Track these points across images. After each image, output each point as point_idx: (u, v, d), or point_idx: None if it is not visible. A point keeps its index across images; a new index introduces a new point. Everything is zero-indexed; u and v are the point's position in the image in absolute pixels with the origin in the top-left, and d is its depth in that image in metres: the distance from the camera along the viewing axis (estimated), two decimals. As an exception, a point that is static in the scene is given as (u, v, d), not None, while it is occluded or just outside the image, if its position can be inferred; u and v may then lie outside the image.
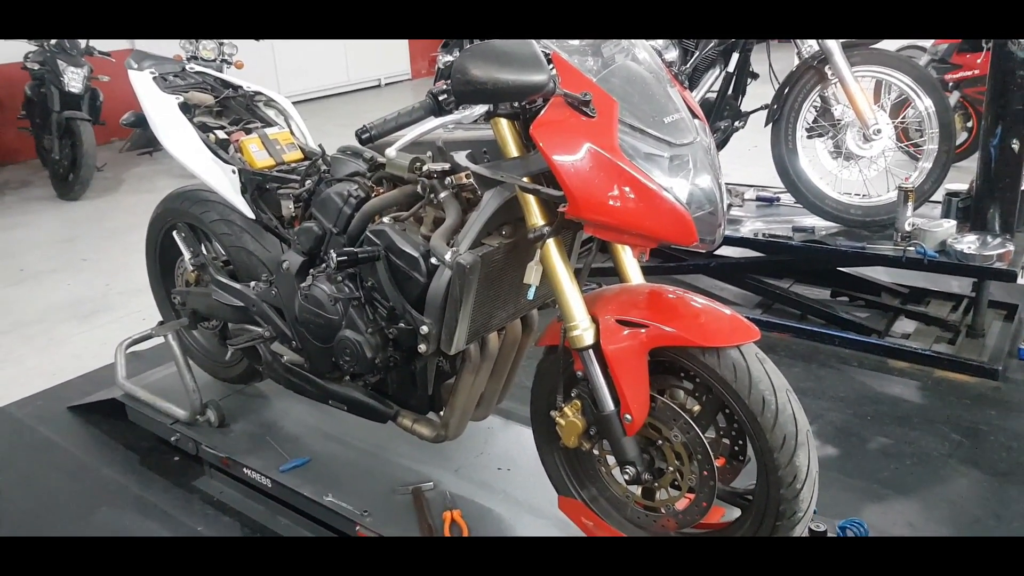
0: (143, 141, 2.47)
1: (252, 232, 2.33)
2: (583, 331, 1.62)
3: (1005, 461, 2.54)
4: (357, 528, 2.13)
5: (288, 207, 2.15)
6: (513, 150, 1.61)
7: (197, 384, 2.58)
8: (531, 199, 1.61)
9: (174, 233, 2.44)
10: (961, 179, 3.42)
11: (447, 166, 1.76)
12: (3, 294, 4.23)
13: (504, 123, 1.61)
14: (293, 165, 2.25)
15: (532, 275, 1.59)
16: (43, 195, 5.99)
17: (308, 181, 2.11)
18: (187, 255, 2.40)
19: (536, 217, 1.62)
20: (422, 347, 1.80)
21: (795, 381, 3.05)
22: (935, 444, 2.65)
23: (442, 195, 1.77)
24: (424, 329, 1.78)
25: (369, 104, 9.94)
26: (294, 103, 2.66)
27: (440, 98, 1.53)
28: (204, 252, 2.54)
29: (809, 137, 3.47)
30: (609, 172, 1.44)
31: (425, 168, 1.79)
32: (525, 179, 1.58)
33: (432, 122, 1.58)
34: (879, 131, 3.25)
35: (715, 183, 1.56)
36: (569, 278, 1.63)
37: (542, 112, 1.49)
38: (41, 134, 5.83)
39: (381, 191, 1.94)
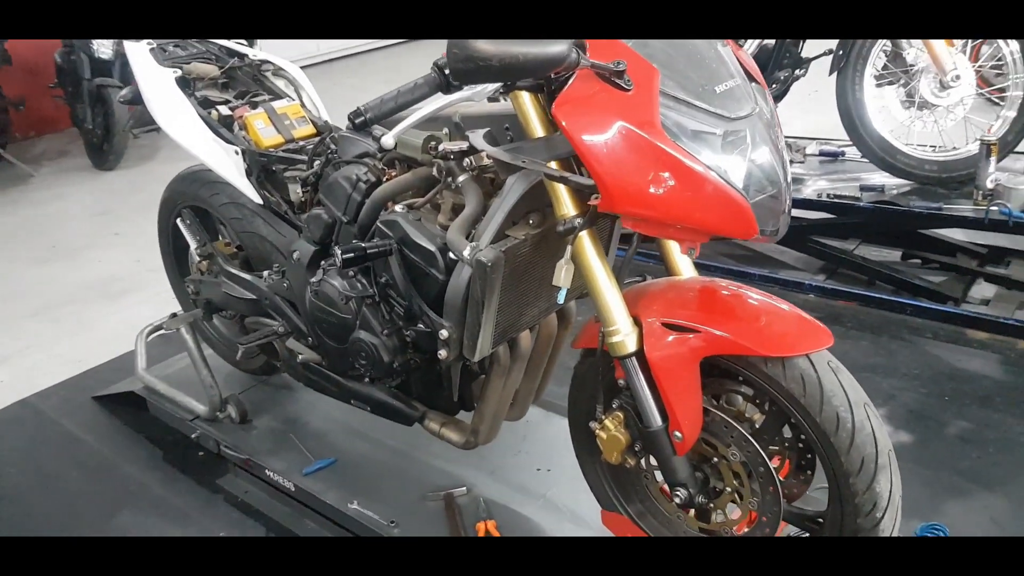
0: (148, 118, 2.28)
1: (264, 217, 2.14)
2: (624, 337, 1.40)
3: (1105, 450, 2.25)
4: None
5: (296, 191, 1.95)
6: (537, 129, 1.37)
7: (215, 379, 2.43)
8: (560, 187, 1.38)
9: (177, 221, 2.26)
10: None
11: (465, 145, 1.53)
12: (34, 274, 4.16)
13: (526, 97, 1.37)
14: (302, 143, 2.04)
15: (562, 276, 1.36)
16: (79, 165, 5.89)
17: (316, 163, 1.90)
18: (193, 244, 2.22)
19: (566, 207, 1.39)
20: (442, 353, 1.61)
21: (863, 356, 2.82)
22: (1022, 429, 2.37)
23: (460, 179, 1.55)
24: (444, 333, 1.58)
25: (398, 62, 9.62)
26: (309, 65, 2.44)
27: (447, 71, 1.30)
28: (219, 237, 2.37)
29: (878, 86, 3.12)
30: (649, 156, 1.20)
31: (441, 148, 1.56)
32: (552, 164, 1.34)
33: (439, 100, 1.35)
34: (958, 77, 2.88)
35: (778, 161, 1.30)
36: (607, 276, 1.40)
37: (566, 86, 1.24)
38: (74, 103, 5.72)
39: (393, 174, 1.73)
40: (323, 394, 2.11)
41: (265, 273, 2.10)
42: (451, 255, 1.55)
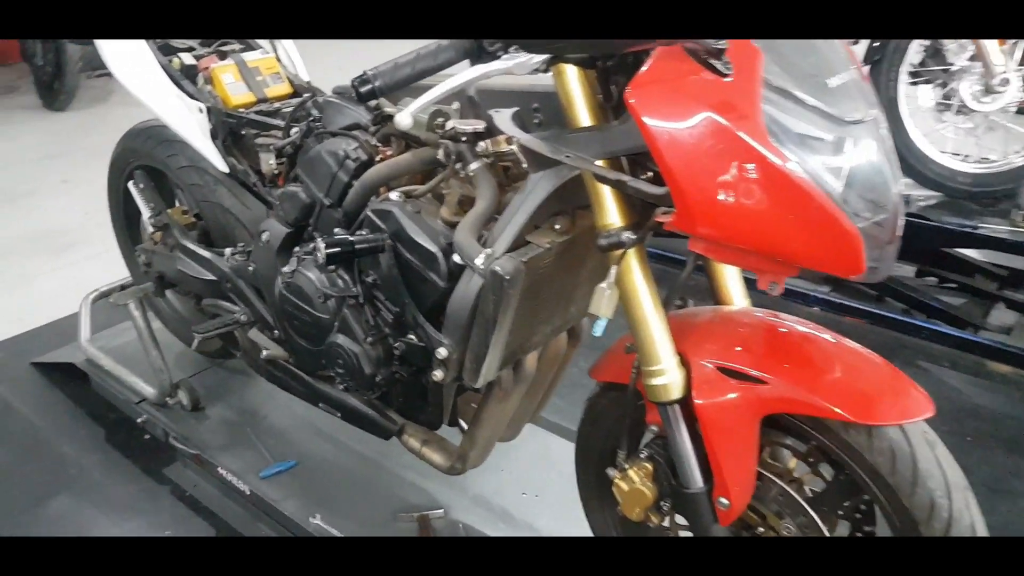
0: (99, 60, 1.95)
1: (229, 186, 1.84)
2: (669, 380, 1.14)
3: None
4: (349, 564, 1.72)
5: (269, 162, 1.64)
6: (583, 114, 1.09)
7: (165, 361, 2.14)
8: (605, 190, 1.10)
9: (130, 185, 1.93)
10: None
11: (481, 126, 1.25)
12: (-27, 218, 3.78)
13: (573, 73, 1.08)
14: (277, 105, 1.73)
15: (603, 304, 1.09)
16: (28, 104, 5.43)
17: (294, 130, 1.59)
18: (146, 212, 1.90)
19: (611, 215, 1.11)
20: (438, 374, 1.33)
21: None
22: (1054, 480, 2.18)
23: (472, 166, 1.27)
24: (442, 352, 1.30)
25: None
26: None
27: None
28: (175, 203, 2.06)
29: (913, 83, 2.87)
30: (749, 166, 0.93)
31: (450, 127, 1.27)
32: (600, 162, 1.06)
33: (467, 73, 1.06)
34: (1007, 81, 2.64)
35: (892, 179, 1.04)
36: (653, 305, 1.14)
37: (645, 65, 0.96)
38: (23, 36, 5.26)
39: (389, 153, 1.43)
40: (287, 392, 1.83)
41: (227, 251, 1.79)
42: (456, 259, 1.28)
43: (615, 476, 1.29)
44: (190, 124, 1.70)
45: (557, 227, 1.26)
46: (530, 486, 1.90)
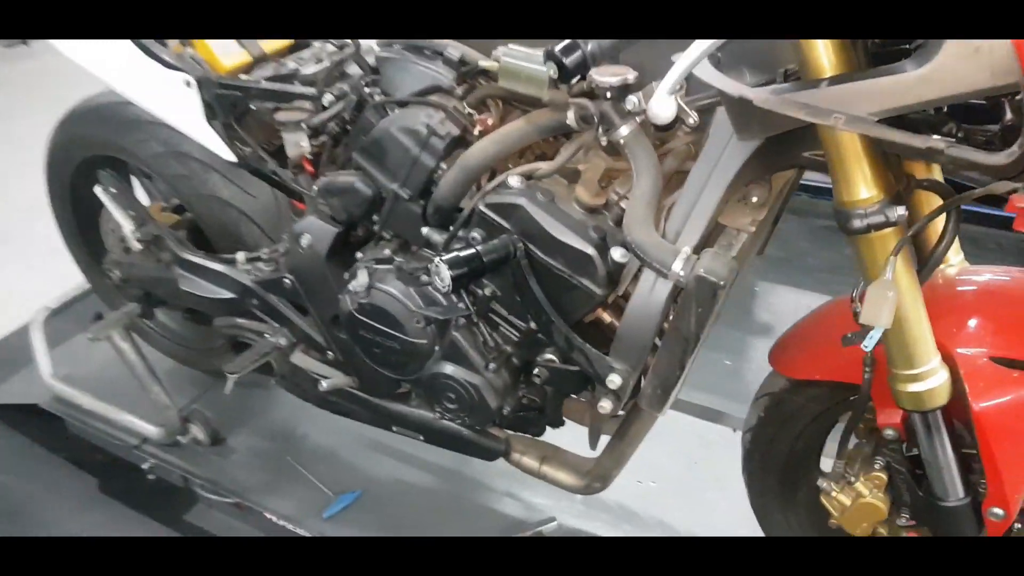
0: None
1: (224, 169, 1.46)
2: (935, 386, 0.91)
3: None
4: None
5: (298, 144, 1.25)
6: (825, 57, 0.78)
7: (169, 395, 1.76)
8: (856, 154, 0.81)
9: (97, 190, 1.49)
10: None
11: (631, 75, 0.93)
12: None
13: None
14: (291, 64, 1.32)
15: (885, 311, 0.81)
16: None
17: (331, 96, 1.20)
18: (126, 225, 1.47)
19: (865, 186, 0.83)
20: (606, 405, 1.05)
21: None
22: None
23: (623, 131, 0.95)
24: (615, 380, 1.01)
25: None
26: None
27: None
28: (152, 199, 1.65)
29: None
30: None
31: (592, 79, 0.94)
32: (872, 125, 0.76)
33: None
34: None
35: None
36: (915, 298, 0.88)
37: None
38: None
39: (488, 122, 1.09)
40: (346, 418, 1.51)
41: (239, 257, 1.42)
42: (616, 257, 0.97)
43: (831, 488, 1.06)
44: (175, 106, 1.28)
45: (754, 199, 0.96)
46: (643, 472, 1.66)
